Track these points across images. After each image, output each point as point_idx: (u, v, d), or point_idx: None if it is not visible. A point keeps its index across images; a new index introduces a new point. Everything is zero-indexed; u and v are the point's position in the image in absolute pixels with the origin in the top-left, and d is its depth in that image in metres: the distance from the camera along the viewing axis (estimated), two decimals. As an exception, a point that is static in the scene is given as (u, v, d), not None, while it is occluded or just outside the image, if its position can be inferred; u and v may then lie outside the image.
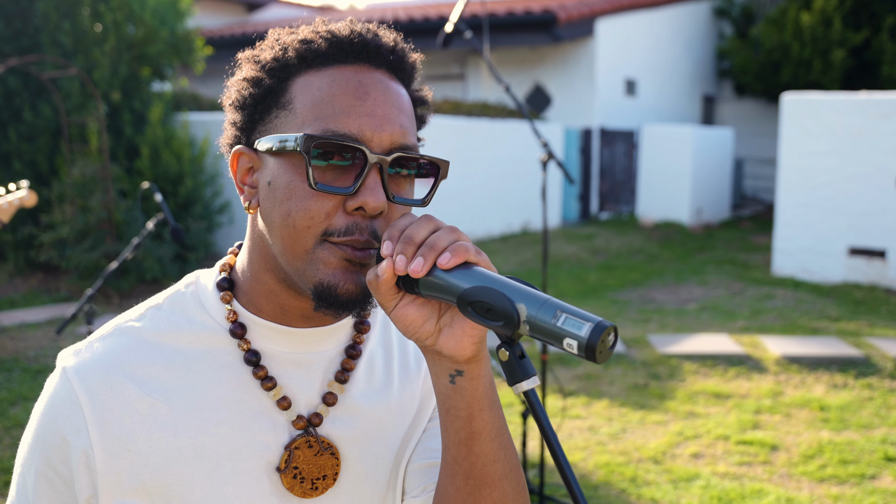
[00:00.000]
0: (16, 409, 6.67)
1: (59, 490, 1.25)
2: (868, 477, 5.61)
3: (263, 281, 1.29)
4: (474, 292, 1.07)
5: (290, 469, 1.28)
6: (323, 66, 1.24)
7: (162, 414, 1.24)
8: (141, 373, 1.25)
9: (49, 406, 1.26)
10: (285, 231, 1.20)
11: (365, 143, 1.19)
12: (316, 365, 1.34)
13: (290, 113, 1.22)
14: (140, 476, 1.23)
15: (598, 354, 1.00)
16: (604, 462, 5.80)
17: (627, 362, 7.99)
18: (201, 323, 1.30)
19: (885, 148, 11.65)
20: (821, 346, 8.34)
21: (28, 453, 1.28)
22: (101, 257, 9.68)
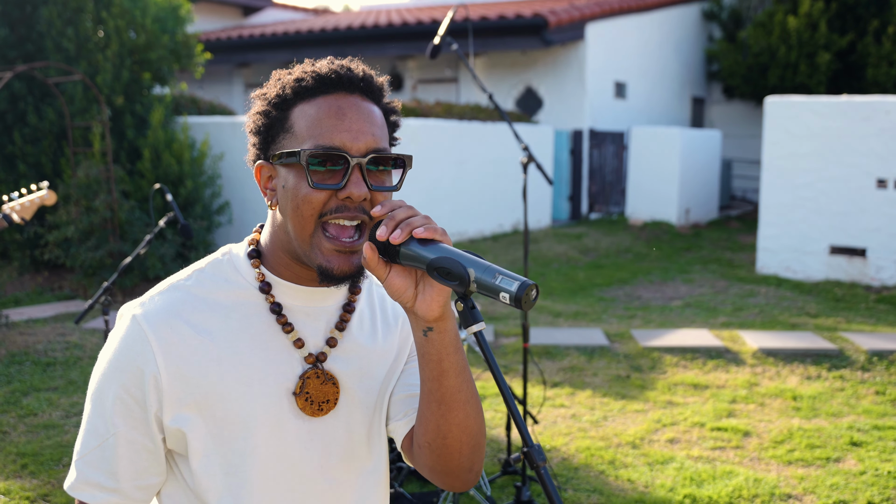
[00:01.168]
0: (28, 399, 7.01)
1: (132, 408, 1.64)
2: (833, 460, 5.96)
3: (281, 256, 1.70)
4: (438, 261, 1.47)
5: (303, 393, 1.70)
6: (312, 97, 1.65)
7: (209, 349, 1.64)
8: (192, 318, 1.65)
9: (123, 344, 1.64)
10: (295, 219, 1.61)
11: (346, 151, 1.60)
12: (321, 316, 1.75)
13: (293, 135, 1.64)
14: (193, 394, 1.63)
15: (524, 304, 1.40)
16: (585, 447, 6.16)
17: (611, 355, 8.34)
18: (236, 282, 1.71)
19: (864, 150, 12.02)
20: (797, 340, 8.70)
21: (103, 382, 1.66)
22: (106, 255, 10.02)
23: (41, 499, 5.27)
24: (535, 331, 9.11)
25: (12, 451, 5.98)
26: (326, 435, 1.74)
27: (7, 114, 11.39)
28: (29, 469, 5.70)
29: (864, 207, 12.10)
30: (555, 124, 17.84)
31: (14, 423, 6.53)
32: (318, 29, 19.53)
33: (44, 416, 6.69)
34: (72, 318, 9.43)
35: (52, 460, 5.85)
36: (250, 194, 12.41)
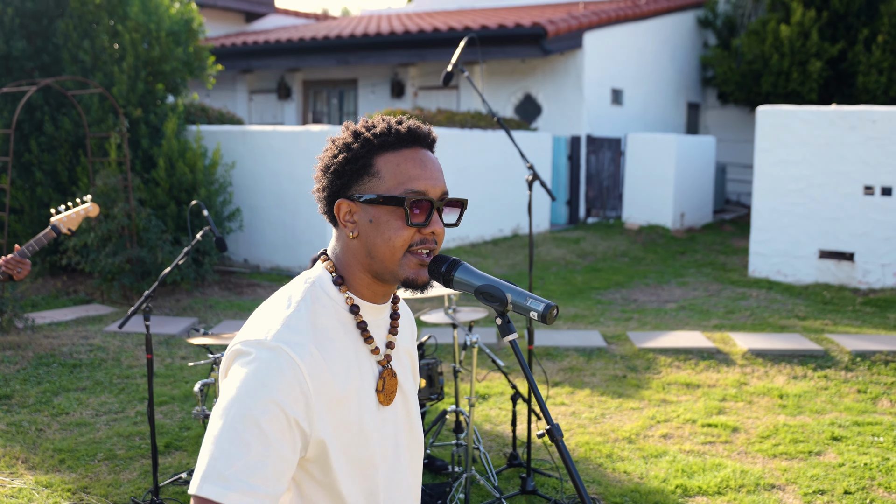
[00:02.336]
0: (59, 399, 7.44)
1: (283, 425, 1.86)
2: (815, 453, 6.40)
3: (361, 277, 2.08)
4: (483, 287, 1.95)
5: (383, 389, 2.11)
6: (395, 149, 2.04)
7: (331, 367, 1.99)
8: (316, 342, 1.99)
9: (276, 370, 1.88)
10: (386, 248, 2.00)
11: (430, 195, 2.02)
12: (382, 325, 2.17)
13: (380, 179, 2.02)
14: (328, 407, 1.97)
15: (549, 319, 1.86)
16: (584, 441, 6.60)
17: (608, 356, 8.79)
18: (331, 307, 2.07)
19: (852, 157, 12.47)
20: (785, 341, 9.15)
21: (255, 403, 1.84)
22: (124, 261, 10.45)
23: (81, 491, 5.69)
24: (537, 333, 9.54)
25: (49, 447, 6.41)
26: (394, 419, 2.16)
27: (24, 123, 11.82)
28: (67, 464, 6.13)
29: (852, 213, 12.55)
30: (553, 131, 18.30)
31: (48, 421, 6.96)
32: (321, 36, 19.95)
33: (75, 414, 7.12)
34: (92, 322, 9.86)
35: (88, 455, 6.27)
36: (259, 201, 12.84)
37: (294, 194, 12.59)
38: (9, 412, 7.11)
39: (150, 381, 5.24)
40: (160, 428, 6.75)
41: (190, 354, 8.84)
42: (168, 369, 8.36)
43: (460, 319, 5.48)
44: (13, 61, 11.80)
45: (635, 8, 19.98)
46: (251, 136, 12.94)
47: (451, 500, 5.32)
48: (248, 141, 12.92)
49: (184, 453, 6.36)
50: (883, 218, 12.35)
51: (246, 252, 13.13)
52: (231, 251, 13.10)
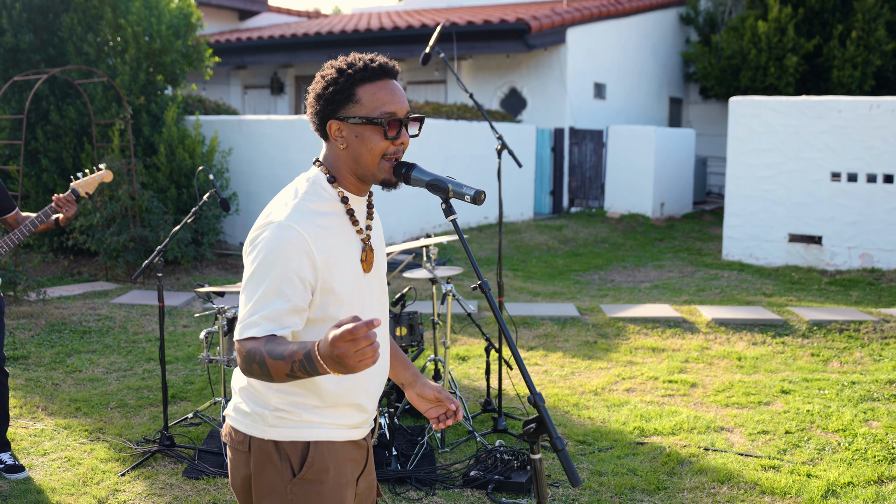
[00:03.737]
0: (72, 359, 8.06)
1: (296, 282, 2.55)
2: (764, 403, 7.04)
3: (348, 178, 2.71)
4: (431, 181, 2.59)
5: (365, 259, 2.76)
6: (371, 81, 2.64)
7: (328, 239, 2.64)
8: (316, 222, 2.62)
9: (287, 241, 2.54)
10: (369, 156, 2.63)
11: (399, 115, 2.64)
12: (363, 213, 2.81)
13: (361, 105, 2.62)
14: (329, 267, 2.62)
15: (478, 200, 2.50)
16: (553, 393, 7.23)
17: (581, 325, 9.42)
18: (326, 197, 2.69)
19: (819, 145, 13.12)
20: (748, 312, 9.78)
21: (272, 269, 2.51)
22: (128, 240, 11.06)
23: (97, 431, 6.30)
24: (515, 305, 10.17)
25: (65, 398, 7.02)
26: (374, 282, 2.81)
27: (31, 112, 12.40)
28: (83, 411, 6.74)
29: (820, 198, 13.20)
30: (537, 123, 18.93)
31: (63, 377, 7.57)
32: (312, 33, 20.55)
33: (87, 372, 7.74)
34: (99, 296, 10.47)
35: (101, 404, 6.89)
36: (255, 186, 13.44)
37: (288, 180, 13.02)
38: (26, 370, 7.73)
39: (161, 322, 5.86)
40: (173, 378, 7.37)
41: (190, 323, 9.46)
42: (171, 335, 8.98)
43: (439, 274, 6.10)
44: (21, 54, 12.39)
45: (618, 4, 20.60)
46: (247, 125, 13.55)
47: (428, 434, 5.94)
48: (244, 130, 13.53)
49: (188, 403, 6.98)
50: (849, 203, 13.00)
51: (242, 235, 13.71)
52: (228, 234, 13.69)
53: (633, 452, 5.97)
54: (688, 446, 6.08)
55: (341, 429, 2.76)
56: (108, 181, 5.73)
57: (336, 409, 2.72)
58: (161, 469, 5.65)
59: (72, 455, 5.84)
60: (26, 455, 5.83)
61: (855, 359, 8.36)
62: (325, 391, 2.68)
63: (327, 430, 2.72)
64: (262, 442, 2.69)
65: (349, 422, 2.77)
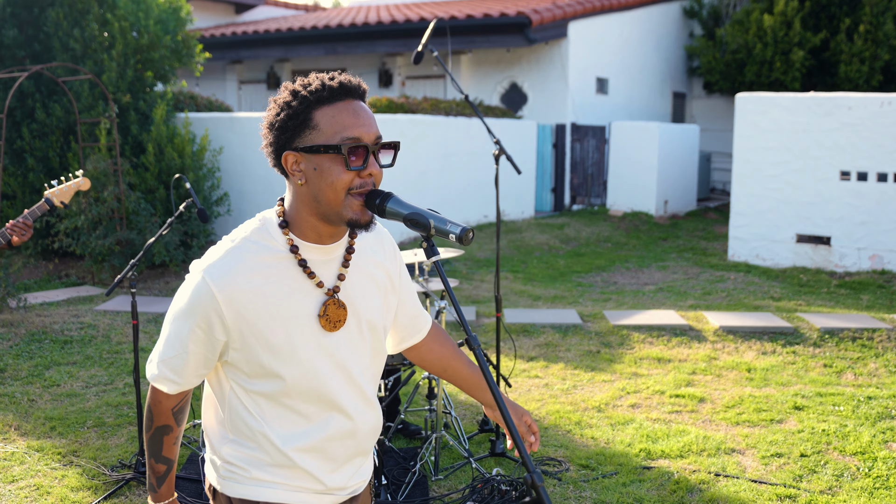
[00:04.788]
0: (50, 372, 7.70)
1: (201, 337, 2.31)
2: (776, 421, 6.68)
3: (308, 220, 2.33)
4: (410, 215, 2.21)
5: (325, 315, 2.37)
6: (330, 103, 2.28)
7: (258, 296, 2.29)
8: (245, 275, 2.29)
9: (195, 295, 2.29)
10: (330, 191, 2.25)
11: (364, 141, 2.26)
12: (333, 261, 2.42)
13: (319, 131, 2.26)
14: (251, 328, 2.29)
15: (465, 240, 2.12)
16: (555, 410, 6.87)
17: (583, 333, 9.05)
18: (273, 247, 2.34)
19: (828, 143, 12.74)
20: (756, 319, 9.41)
21: (181, 318, 2.32)
22: (114, 243, 10.69)
23: (71, 454, 5.95)
24: (515, 311, 9.81)
25: (41, 416, 6.66)
26: (340, 343, 2.41)
27: (16, 110, 12.03)
28: (58, 430, 6.38)
29: (829, 198, 12.82)
30: (538, 119, 18.55)
31: (40, 392, 7.21)
32: (309, 27, 20.16)
33: (66, 386, 7.37)
34: (83, 302, 10.10)
35: (78, 423, 6.53)
36: (248, 186, 13.07)
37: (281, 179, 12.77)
38: (1, 384, 7.37)
39: (135, 347, 5.50)
40: (146, 396, 7.00)
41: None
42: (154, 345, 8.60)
43: (432, 288, 5.74)
44: (4, 49, 12.02)
45: (620, -2, 20.24)
46: (239, 123, 13.17)
47: (421, 460, 5.58)
48: (236, 127, 13.15)
49: (170, 421, 6.61)
50: (859, 202, 12.63)
51: (234, 237, 13.35)
52: (219, 235, 13.32)
53: (639, 479, 5.61)
54: (697, 471, 5.72)
55: (302, 492, 2.43)
56: (85, 189, 5.36)
57: (289, 469, 2.40)
58: (135, 499, 5.28)
59: (42, 482, 5.47)
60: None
61: (870, 370, 8.00)
62: (271, 447, 2.38)
63: (281, 491, 2.41)
64: (220, 494, 2.49)
65: (310, 486, 2.43)
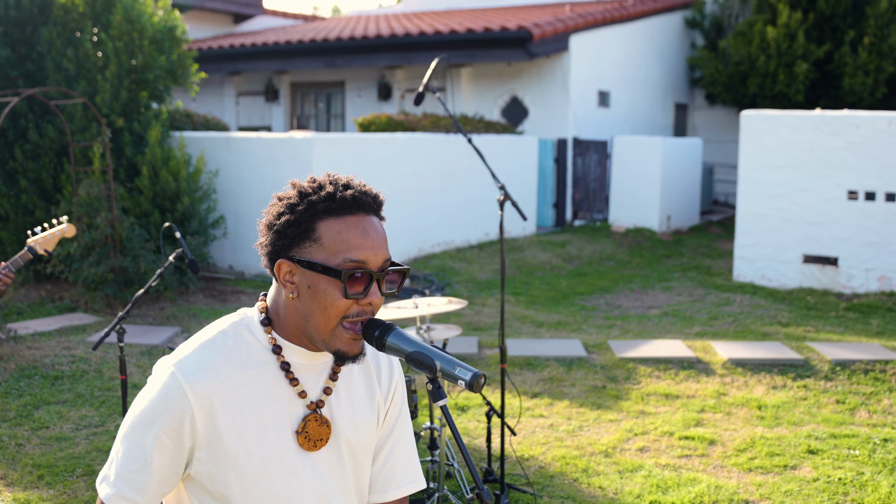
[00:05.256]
0: (39, 412, 7.46)
1: (167, 445, 2.05)
2: (790, 468, 6.45)
3: (293, 330, 2.11)
4: (413, 354, 1.97)
5: (304, 432, 2.13)
6: (338, 216, 2.04)
7: (234, 400, 2.06)
8: (220, 374, 2.05)
9: (163, 395, 2.04)
10: (321, 316, 2.02)
11: (369, 266, 2.02)
12: (320, 371, 2.18)
13: (321, 245, 2.02)
14: (221, 436, 2.05)
15: (475, 388, 1.88)
16: (560, 455, 6.63)
17: (588, 366, 8.82)
18: (253, 344, 2.11)
19: (835, 162, 12.52)
20: (765, 350, 9.18)
21: (143, 422, 2.06)
22: (107, 270, 10.45)
23: (58, 508, 5.72)
24: (518, 342, 9.58)
25: (28, 462, 6.43)
26: (319, 465, 2.17)
27: (8, 130, 11.81)
28: (45, 480, 6.15)
29: (836, 218, 12.60)
30: (540, 133, 18.34)
31: (28, 435, 6.98)
32: (308, 39, 19.95)
33: (55, 428, 7.14)
34: (76, 332, 9.87)
35: (67, 472, 6.29)
36: (245, 207, 12.84)
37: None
38: (-11, 427, 7.14)
39: (124, 400, 5.27)
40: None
41: (172, 365, 8.86)
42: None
43: (434, 338, 5.51)
44: (-3, 69, 11.81)
45: (622, 9, 20.01)
46: (235, 143, 12.95)
47: (424, 520, 5.36)
48: (232, 147, 12.93)
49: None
50: (867, 223, 12.40)
51: (231, 258, 13.14)
52: (216, 258, 13.11)
53: (650, 537, 5.38)
54: (710, 527, 5.49)
55: None
56: (70, 236, 5.17)
57: None
58: (123, 562, 5.05)
59: (26, 542, 5.25)
60: (-25, 543, 5.25)
61: (884, 407, 7.77)
62: None
63: None
64: None
65: None
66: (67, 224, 5.14)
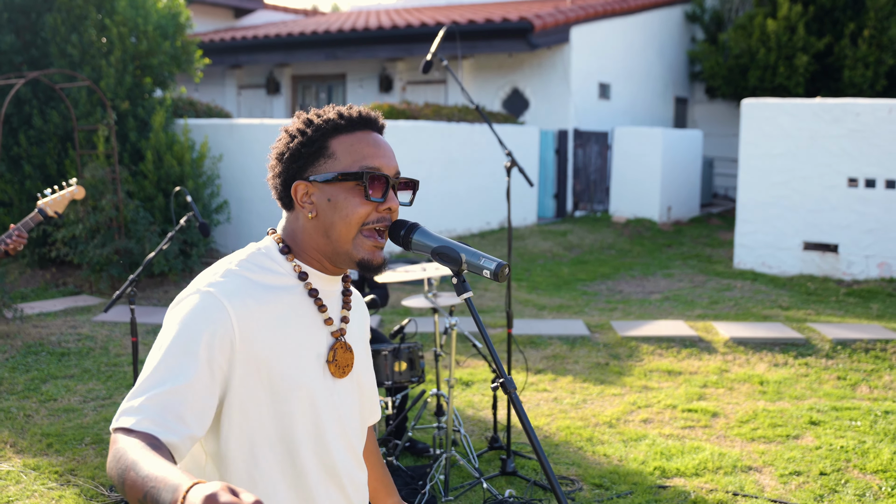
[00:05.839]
0: (47, 386, 7.52)
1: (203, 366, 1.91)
2: (793, 437, 6.51)
3: (313, 253, 2.13)
4: (439, 248, 2.03)
5: (334, 360, 2.15)
6: (348, 132, 2.11)
7: (267, 321, 2.04)
8: (253, 295, 2.04)
9: (204, 313, 1.96)
10: (343, 225, 2.06)
11: (385, 172, 2.08)
12: (336, 298, 2.22)
13: (335, 160, 2.08)
14: (256, 356, 2.01)
15: (500, 277, 1.94)
16: (565, 426, 6.69)
17: (591, 344, 8.88)
18: (276, 271, 2.11)
19: (835, 150, 12.58)
20: (767, 330, 9.25)
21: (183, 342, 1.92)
22: (112, 252, 10.51)
23: (69, 473, 5.77)
24: (521, 322, 9.63)
25: (37, 432, 6.48)
26: (343, 392, 2.19)
27: (13, 116, 11.86)
28: (55, 448, 6.20)
29: (836, 205, 12.66)
30: (540, 124, 18.39)
31: (36, 407, 7.03)
32: (309, 31, 20.01)
33: (63, 401, 7.20)
34: (81, 313, 9.93)
35: (75, 440, 6.35)
36: (248, 193, 12.90)
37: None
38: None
39: (134, 363, 5.33)
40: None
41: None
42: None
43: (441, 304, 5.57)
44: (1, 55, 11.83)
45: (622, 2, 20.07)
46: (238, 130, 13.00)
47: (430, 481, 5.41)
48: (235, 134, 12.98)
49: (170, 438, 6.43)
50: (866, 210, 12.46)
51: (234, 244, 13.18)
52: (220, 243, 13.16)
53: (655, 499, 5.43)
54: (714, 490, 5.54)
55: None
56: (79, 198, 5.20)
57: None
58: (135, 521, 5.10)
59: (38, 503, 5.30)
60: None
61: (885, 383, 7.83)
62: None
63: None
64: None
65: None
66: (77, 186, 5.15)
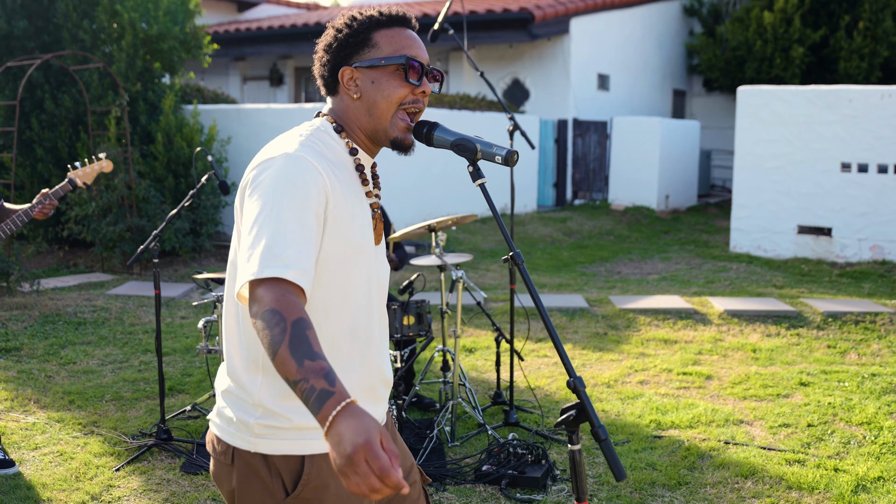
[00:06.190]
0: (66, 351, 7.81)
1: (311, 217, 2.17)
2: (783, 396, 6.79)
3: (357, 132, 2.43)
4: (457, 141, 2.34)
5: (377, 228, 2.46)
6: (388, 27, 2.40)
7: (337, 185, 2.28)
8: (327, 162, 2.30)
9: (303, 173, 2.18)
10: (384, 103, 2.36)
11: (422, 61, 2.38)
12: (370, 175, 2.51)
13: (379, 48, 2.37)
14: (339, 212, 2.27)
15: (510, 161, 2.24)
16: (564, 386, 6.96)
17: (590, 316, 9.17)
18: (333, 146, 2.39)
19: (828, 135, 12.87)
20: (760, 304, 9.53)
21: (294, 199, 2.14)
22: (124, 230, 10.81)
23: (91, 425, 6.05)
24: (522, 296, 9.91)
25: (59, 390, 6.76)
26: (378, 257, 2.49)
27: (25, 101, 12.14)
28: (76, 404, 6.49)
29: (830, 189, 12.95)
30: (540, 114, 18.67)
31: (56, 369, 7.32)
32: (312, 23, 20.29)
33: (81, 364, 7.48)
34: (94, 287, 10.21)
35: (96, 397, 6.63)
36: (254, 177, 13.15)
37: (288, 170, 12.91)
38: (18, 362, 7.48)
39: (157, 312, 5.61)
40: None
41: (189, 314, 9.21)
42: (169, 327, 8.72)
43: (448, 261, 5.85)
44: (14, 41, 12.12)
45: (622, -5, 20.37)
46: (246, 114, 13.29)
47: (437, 427, 5.69)
48: (243, 119, 13.27)
49: (186, 395, 6.73)
50: (859, 194, 12.75)
51: (241, 227, 13.44)
52: (227, 225, 13.44)
53: (650, 446, 5.72)
54: (707, 440, 5.83)
55: None
56: (107, 171, 5.48)
57: None
58: (157, 464, 5.39)
59: (64, 449, 5.58)
60: (17, 449, 5.58)
61: (873, 350, 8.12)
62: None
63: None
64: (248, 455, 2.30)
65: None
66: (106, 160, 5.44)
